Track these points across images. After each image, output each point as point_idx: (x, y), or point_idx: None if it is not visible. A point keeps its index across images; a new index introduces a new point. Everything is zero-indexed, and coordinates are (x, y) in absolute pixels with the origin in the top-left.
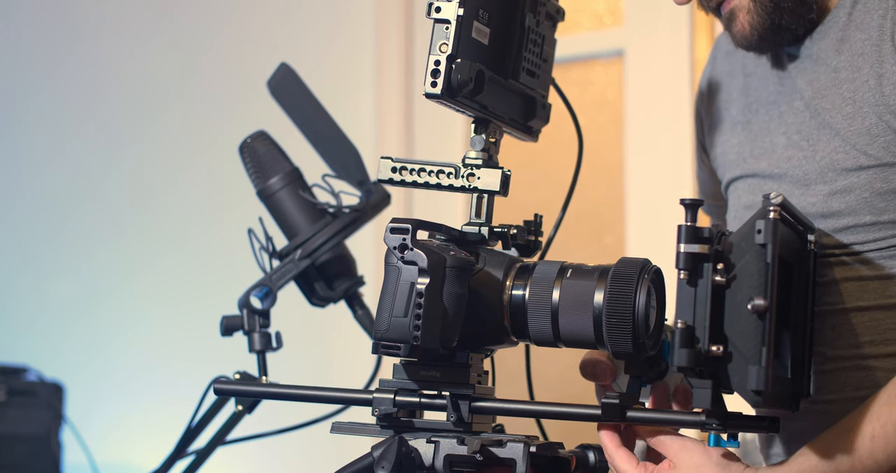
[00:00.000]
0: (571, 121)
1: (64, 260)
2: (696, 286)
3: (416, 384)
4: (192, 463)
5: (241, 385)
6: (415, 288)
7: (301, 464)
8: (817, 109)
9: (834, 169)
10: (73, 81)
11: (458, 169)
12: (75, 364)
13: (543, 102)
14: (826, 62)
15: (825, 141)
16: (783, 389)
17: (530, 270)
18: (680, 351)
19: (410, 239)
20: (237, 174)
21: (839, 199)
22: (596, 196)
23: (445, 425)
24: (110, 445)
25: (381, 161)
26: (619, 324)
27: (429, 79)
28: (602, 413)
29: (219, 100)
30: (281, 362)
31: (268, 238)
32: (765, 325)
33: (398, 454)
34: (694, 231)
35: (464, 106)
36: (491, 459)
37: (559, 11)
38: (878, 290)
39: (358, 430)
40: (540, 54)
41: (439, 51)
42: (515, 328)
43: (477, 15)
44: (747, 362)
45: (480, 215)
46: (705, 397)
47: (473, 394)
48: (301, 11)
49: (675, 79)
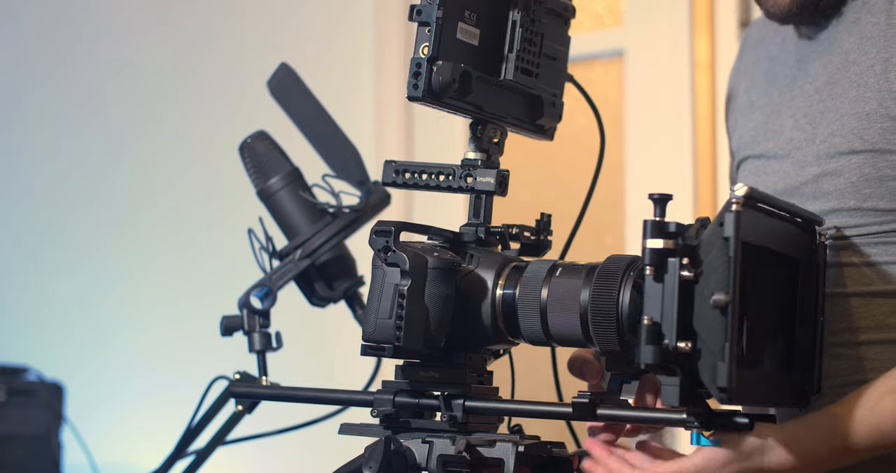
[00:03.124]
0: (577, 120)
1: (64, 260)
2: (662, 282)
3: (416, 385)
4: (192, 463)
5: (253, 387)
6: (397, 290)
7: (301, 464)
8: (829, 93)
9: (829, 151)
10: (73, 81)
11: (457, 170)
12: (75, 364)
13: (553, 101)
14: (840, 45)
15: (826, 124)
16: (766, 384)
17: (522, 270)
18: (645, 348)
19: (393, 242)
20: (237, 174)
21: (828, 181)
22: (596, 196)
23: (442, 425)
24: (110, 445)
25: (384, 164)
26: (604, 322)
27: (410, 81)
28: (573, 411)
29: (219, 100)
30: (281, 362)
31: (268, 238)
32: (727, 320)
33: (387, 453)
34: (659, 226)
35: (454, 107)
36: (480, 459)
37: (567, 8)
38: (856, 277)
39: (364, 431)
40: (539, 52)
41: (421, 53)
42: (509, 327)
43: (462, 16)
44: (713, 357)
45: (479, 215)
46: (673, 394)
47: (467, 394)
48: (301, 11)
49: (675, 79)
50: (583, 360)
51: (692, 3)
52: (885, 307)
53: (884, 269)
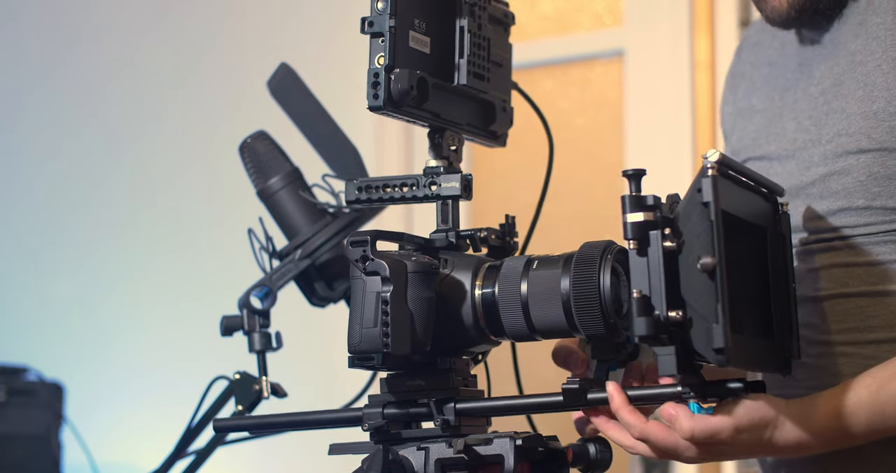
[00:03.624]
0: (575, 121)
1: (64, 260)
2: (646, 255)
3: (403, 395)
4: (192, 463)
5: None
6: (380, 297)
7: (301, 464)
8: (835, 95)
9: (836, 151)
10: (73, 81)
11: (420, 179)
12: (75, 364)
13: (504, 106)
14: (845, 46)
15: (832, 124)
16: (755, 349)
17: (498, 268)
18: (638, 320)
19: (371, 250)
20: (237, 174)
21: (836, 180)
22: (596, 196)
23: (434, 431)
24: (110, 445)
25: (346, 184)
26: (587, 308)
27: (370, 92)
28: (563, 399)
29: (219, 100)
30: (281, 362)
31: (268, 238)
32: (716, 283)
33: (386, 463)
34: (637, 200)
35: (413, 116)
36: (479, 458)
37: (507, 15)
38: (863, 277)
39: (355, 448)
40: (487, 58)
41: (377, 63)
42: (491, 327)
43: (413, 24)
44: (706, 322)
45: (447, 221)
46: (670, 363)
47: (457, 397)
48: (301, 11)
49: (675, 79)
50: (567, 350)
51: (692, 3)
52: (895, 306)
53: (893, 268)
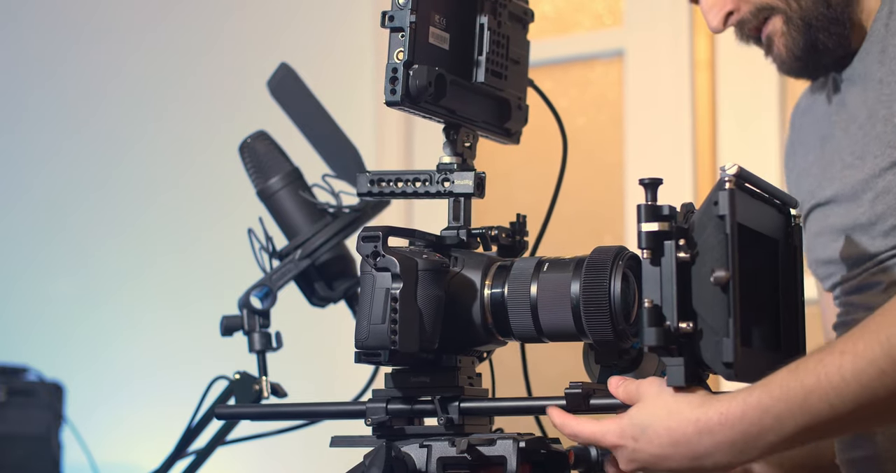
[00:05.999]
0: (577, 121)
1: (64, 260)
2: (659, 265)
3: (407, 391)
4: (192, 463)
5: (241, 408)
6: (389, 294)
7: (301, 465)
8: (871, 125)
9: (875, 173)
10: (73, 81)
11: (433, 175)
12: (75, 364)
13: (519, 104)
14: (872, 76)
15: (871, 151)
16: (762, 362)
17: (508, 268)
18: (648, 330)
19: (382, 246)
20: (237, 174)
21: (881, 202)
22: (596, 196)
23: (438, 429)
24: (110, 445)
25: (358, 176)
26: (596, 313)
27: (388, 87)
28: (566, 403)
29: (219, 100)
30: (281, 362)
31: (268, 238)
32: (729, 297)
33: (389, 459)
34: (653, 209)
35: (429, 112)
36: (481, 458)
37: (527, 12)
38: None
39: (356, 442)
40: (506, 55)
41: (396, 58)
42: (499, 327)
43: (433, 20)
44: (717, 335)
45: (458, 219)
46: (678, 374)
47: (462, 396)
48: (301, 11)
49: (675, 79)
50: None
51: (692, 3)
52: None
53: None
